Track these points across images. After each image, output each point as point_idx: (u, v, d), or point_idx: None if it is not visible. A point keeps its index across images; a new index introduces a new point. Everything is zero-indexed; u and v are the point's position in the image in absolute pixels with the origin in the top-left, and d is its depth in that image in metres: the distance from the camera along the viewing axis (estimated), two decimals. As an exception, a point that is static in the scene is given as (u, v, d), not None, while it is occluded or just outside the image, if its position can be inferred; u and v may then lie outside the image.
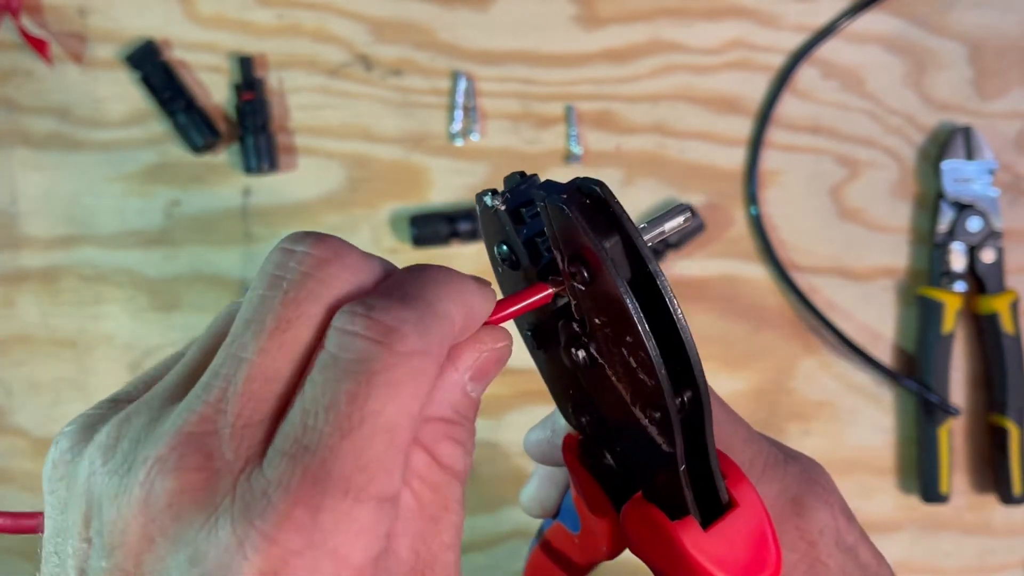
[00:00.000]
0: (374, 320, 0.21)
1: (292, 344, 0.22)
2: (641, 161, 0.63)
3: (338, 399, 0.20)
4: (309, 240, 0.23)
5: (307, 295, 0.22)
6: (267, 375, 0.22)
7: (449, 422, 0.24)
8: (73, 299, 0.63)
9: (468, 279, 0.25)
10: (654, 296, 0.24)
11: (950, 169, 0.62)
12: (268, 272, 0.23)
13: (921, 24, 0.64)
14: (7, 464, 0.63)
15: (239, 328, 0.22)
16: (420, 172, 0.63)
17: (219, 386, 0.21)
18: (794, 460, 0.32)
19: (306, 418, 0.21)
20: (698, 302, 0.63)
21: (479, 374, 0.25)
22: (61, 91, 0.63)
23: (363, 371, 0.21)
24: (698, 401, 0.25)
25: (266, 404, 0.21)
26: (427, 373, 0.22)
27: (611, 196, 0.24)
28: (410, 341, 0.21)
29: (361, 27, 0.63)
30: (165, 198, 0.63)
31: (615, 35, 0.63)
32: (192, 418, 0.21)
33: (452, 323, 0.23)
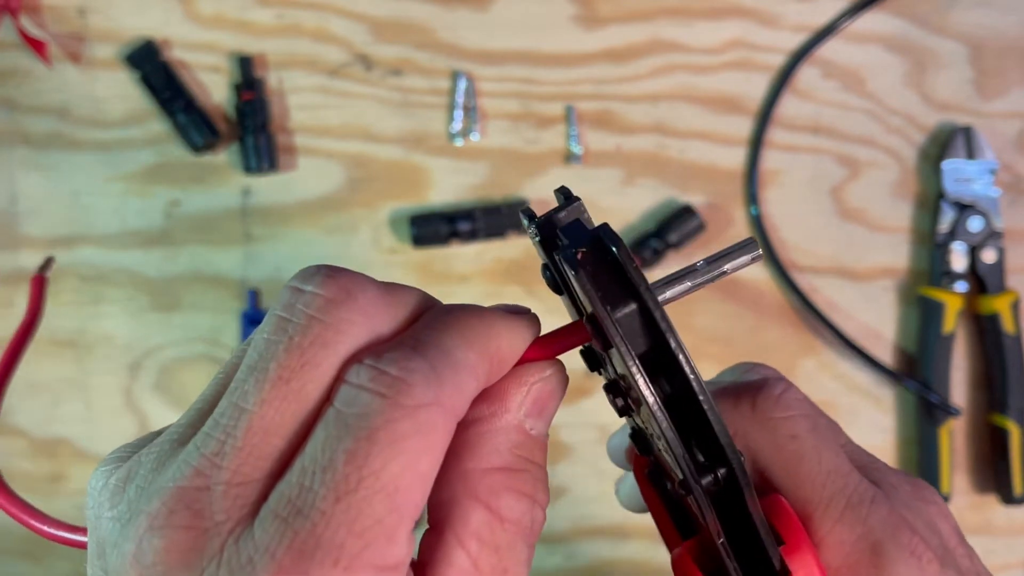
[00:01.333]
0: (380, 371, 0.20)
1: (297, 396, 0.21)
2: (641, 161, 0.63)
3: (336, 458, 0.19)
4: (319, 278, 0.22)
5: (312, 341, 0.21)
6: (268, 428, 0.20)
7: (510, 471, 0.22)
8: (73, 299, 0.63)
9: (499, 317, 0.23)
10: (676, 366, 0.22)
11: (951, 169, 0.62)
12: (275, 314, 0.21)
13: (921, 24, 0.64)
14: (7, 464, 0.63)
15: (242, 374, 0.21)
16: (420, 172, 0.63)
17: (218, 438, 0.20)
18: (886, 494, 0.28)
19: (303, 478, 0.19)
20: (698, 302, 0.63)
21: (536, 409, 0.24)
22: (61, 91, 0.63)
23: (363, 427, 0.19)
24: (734, 479, 0.23)
25: (265, 460, 0.20)
26: (438, 426, 0.20)
27: (628, 260, 0.22)
28: (417, 392, 0.20)
29: (361, 27, 0.63)
30: (165, 198, 0.63)
31: (615, 35, 0.63)
32: (187, 472, 0.20)
33: (472, 370, 0.22)
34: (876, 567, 0.26)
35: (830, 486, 0.27)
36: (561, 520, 0.63)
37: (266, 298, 0.63)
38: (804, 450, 0.27)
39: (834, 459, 0.28)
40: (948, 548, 0.28)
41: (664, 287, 0.24)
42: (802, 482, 0.27)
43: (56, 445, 0.63)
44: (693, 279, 0.25)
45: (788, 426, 0.28)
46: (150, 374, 0.63)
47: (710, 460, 0.23)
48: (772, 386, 0.29)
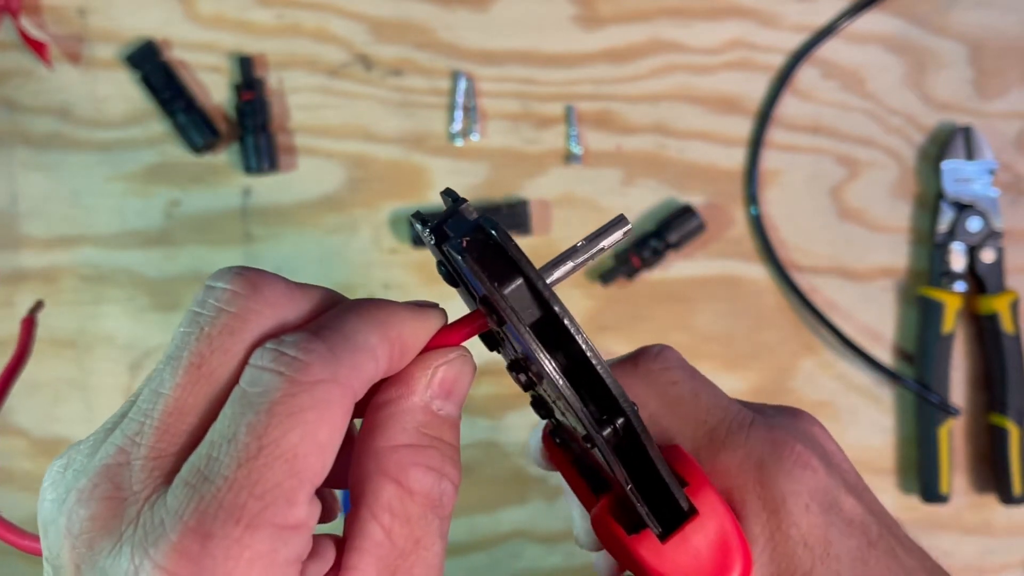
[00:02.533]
0: (280, 353, 0.22)
1: (208, 379, 0.23)
2: (641, 161, 0.63)
3: (239, 431, 0.21)
4: (229, 275, 0.24)
5: (221, 330, 0.23)
6: (182, 409, 0.22)
7: (416, 447, 0.24)
8: (73, 299, 0.63)
9: (403, 308, 0.25)
10: (564, 331, 0.24)
11: (950, 169, 0.62)
12: (190, 309, 0.24)
13: (921, 24, 0.64)
14: (7, 464, 0.63)
15: (161, 364, 0.23)
16: (420, 172, 0.63)
17: (138, 420, 0.22)
18: (766, 419, 0.30)
19: (211, 450, 0.21)
20: (698, 302, 0.63)
21: (443, 391, 0.25)
22: (61, 91, 0.63)
23: (264, 402, 0.21)
24: (631, 426, 0.25)
25: (179, 437, 0.22)
26: (334, 401, 0.22)
27: (507, 240, 0.24)
28: (314, 370, 0.22)
29: (361, 27, 0.63)
30: (165, 198, 0.63)
31: (615, 35, 0.63)
32: (111, 451, 0.22)
33: (370, 352, 0.23)
34: (760, 484, 0.28)
35: (710, 419, 0.30)
36: (560, 520, 0.63)
37: (266, 298, 0.63)
38: (682, 392, 0.30)
39: (711, 395, 0.30)
40: (833, 461, 0.30)
41: (549, 269, 0.26)
42: (686, 421, 0.30)
43: (56, 445, 0.63)
44: (574, 258, 0.26)
45: (667, 375, 0.31)
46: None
47: (607, 414, 0.25)
48: (651, 348, 0.32)
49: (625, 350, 0.61)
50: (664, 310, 0.63)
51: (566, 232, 0.63)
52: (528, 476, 0.63)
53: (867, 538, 0.27)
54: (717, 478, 0.28)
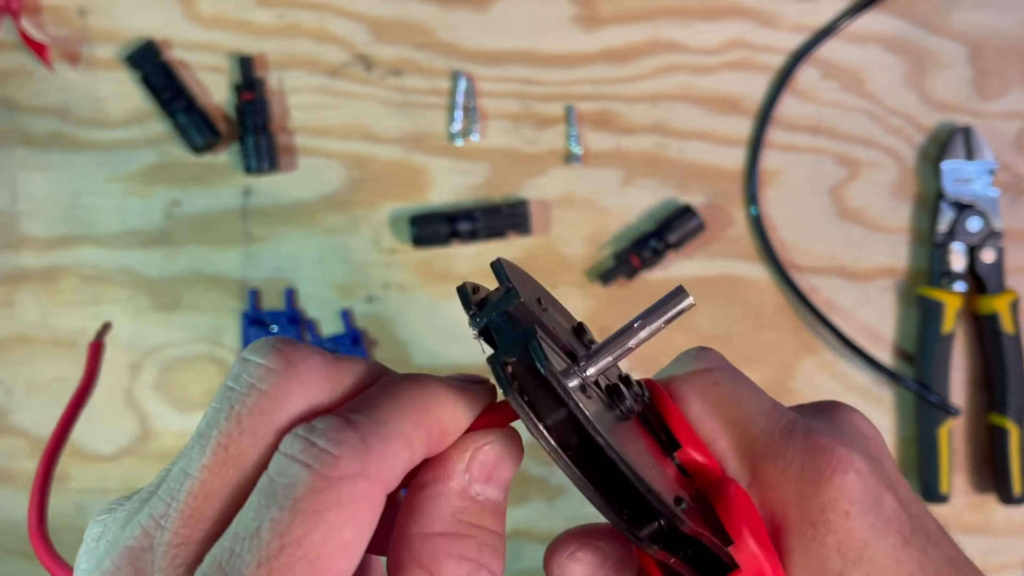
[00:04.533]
0: (310, 443, 0.21)
1: (235, 463, 0.22)
2: (641, 161, 0.63)
3: (262, 526, 0.20)
4: (265, 349, 0.23)
5: (251, 410, 0.22)
6: (208, 493, 0.22)
7: (452, 536, 0.23)
8: (73, 299, 0.63)
9: (444, 388, 0.24)
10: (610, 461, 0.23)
11: (950, 169, 0.62)
12: (224, 384, 0.23)
13: (921, 24, 0.64)
14: (7, 464, 0.63)
15: (191, 442, 0.22)
16: (420, 172, 0.63)
17: (164, 500, 0.22)
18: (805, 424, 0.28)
19: (234, 543, 0.21)
20: (698, 302, 0.63)
21: (483, 475, 0.24)
22: (61, 91, 0.63)
23: (288, 497, 0.21)
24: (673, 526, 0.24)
25: (204, 523, 0.22)
26: (361, 497, 0.21)
27: (554, 375, 0.22)
28: (343, 464, 0.21)
29: (361, 27, 0.63)
30: (165, 198, 0.63)
31: (615, 35, 0.63)
32: (136, 532, 0.22)
33: (405, 440, 0.22)
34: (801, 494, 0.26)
35: (752, 427, 0.28)
36: (561, 520, 0.63)
37: (266, 298, 0.63)
38: (724, 395, 0.28)
39: (752, 399, 0.29)
40: (874, 454, 0.28)
41: (593, 359, 0.24)
42: (728, 427, 0.28)
43: (56, 445, 0.63)
44: (622, 346, 0.25)
45: (708, 376, 0.29)
46: (151, 374, 0.63)
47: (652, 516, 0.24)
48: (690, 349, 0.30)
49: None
50: (664, 310, 0.63)
51: (566, 232, 0.63)
52: (528, 476, 0.63)
53: (902, 536, 0.26)
54: (759, 490, 0.27)
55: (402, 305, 0.63)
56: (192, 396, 0.63)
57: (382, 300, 0.63)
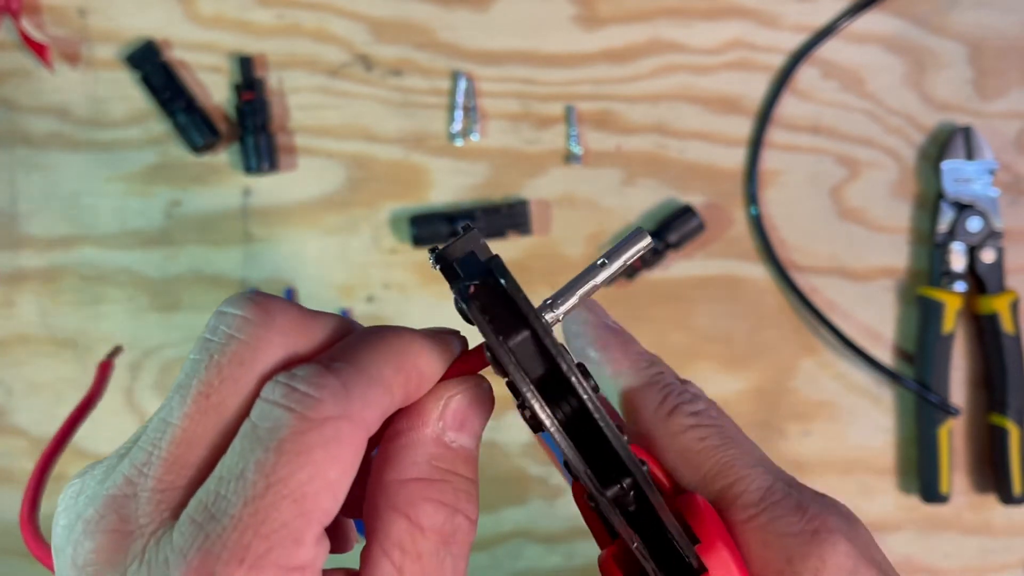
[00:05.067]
0: (291, 388, 0.22)
1: (217, 410, 0.22)
2: (641, 161, 0.63)
3: (247, 468, 0.21)
4: (241, 301, 0.23)
5: (230, 359, 0.22)
6: (190, 440, 0.22)
7: (427, 481, 0.23)
8: (73, 299, 0.63)
9: (419, 336, 0.24)
10: (571, 386, 0.23)
11: (950, 169, 0.62)
12: (202, 336, 0.23)
13: (921, 24, 0.64)
14: (7, 464, 0.63)
15: (171, 393, 0.23)
16: (420, 172, 0.63)
17: (146, 449, 0.22)
18: (801, 504, 0.26)
19: (219, 486, 0.21)
20: (698, 302, 0.63)
21: (457, 422, 0.25)
22: (61, 91, 0.63)
23: (272, 439, 0.21)
24: (638, 487, 0.24)
25: (187, 469, 0.22)
26: (345, 438, 0.21)
27: (516, 291, 0.23)
28: (325, 406, 0.21)
29: (361, 27, 0.63)
30: (165, 198, 0.63)
31: (615, 35, 0.63)
32: (119, 480, 0.22)
33: (385, 385, 0.23)
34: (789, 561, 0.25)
35: (736, 487, 0.26)
36: (560, 520, 0.63)
37: (266, 298, 0.63)
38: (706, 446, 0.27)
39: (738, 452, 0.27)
40: (864, 559, 0.26)
41: (558, 301, 0.25)
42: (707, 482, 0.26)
43: (56, 445, 0.63)
44: (583, 285, 0.25)
45: (688, 421, 0.27)
46: (150, 374, 0.63)
47: (615, 472, 0.24)
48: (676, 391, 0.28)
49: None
50: (664, 310, 0.63)
51: (566, 232, 0.63)
52: (528, 476, 0.63)
53: None
54: (740, 551, 0.25)
55: (402, 305, 0.63)
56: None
57: (382, 300, 0.63)
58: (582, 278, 0.25)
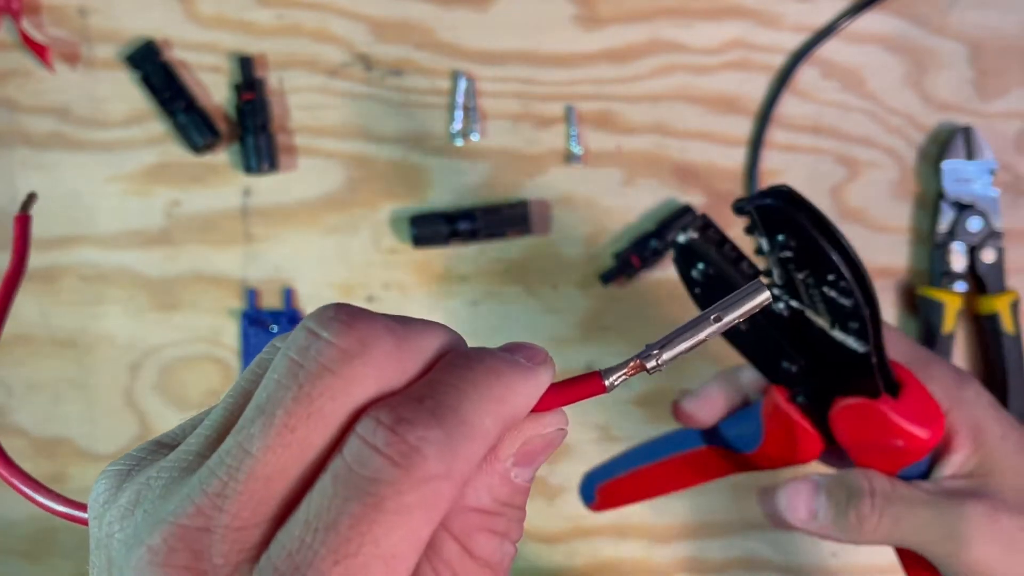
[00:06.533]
0: (398, 436, 0.20)
1: (302, 444, 0.21)
2: (641, 161, 0.63)
3: (340, 520, 0.19)
4: (336, 325, 0.21)
5: (323, 392, 0.21)
6: (271, 474, 0.20)
7: (487, 513, 0.23)
8: (73, 299, 0.63)
9: (519, 377, 0.23)
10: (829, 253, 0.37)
11: (950, 169, 0.62)
12: (288, 356, 0.21)
13: (921, 24, 0.64)
14: (7, 464, 0.63)
15: (250, 415, 0.21)
16: (420, 172, 0.63)
17: (221, 478, 0.20)
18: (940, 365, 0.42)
19: (305, 532, 0.20)
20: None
21: (525, 459, 0.24)
22: (61, 91, 0.63)
23: (372, 493, 0.20)
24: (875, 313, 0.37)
25: (266, 506, 0.20)
26: (445, 498, 0.20)
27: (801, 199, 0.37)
28: (431, 465, 0.20)
29: (361, 27, 0.63)
30: (165, 198, 0.63)
31: (615, 35, 0.63)
32: (189, 509, 0.20)
33: (486, 440, 0.22)
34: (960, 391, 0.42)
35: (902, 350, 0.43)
36: (561, 520, 0.63)
37: (266, 298, 0.63)
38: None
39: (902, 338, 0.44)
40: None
41: (662, 351, 0.25)
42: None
43: (56, 445, 0.63)
44: (688, 338, 0.25)
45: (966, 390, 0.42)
46: (150, 374, 0.63)
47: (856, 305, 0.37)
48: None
49: (626, 350, 0.61)
50: (664, 310, 0.63)
51: (566, 232, 0.63)
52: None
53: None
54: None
55: (402, 305, 0.63)
56: (192, 396, 0.63)
57: (382, 300, 0.63)
58: (689, 330, 0.25)
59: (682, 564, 0.64)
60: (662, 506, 0.63)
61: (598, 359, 0.63)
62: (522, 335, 0.63)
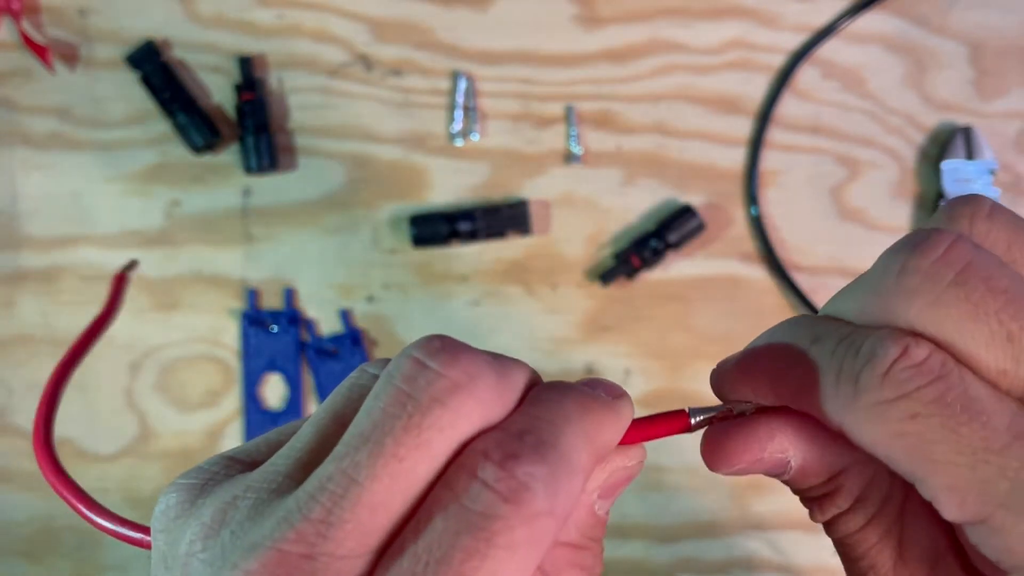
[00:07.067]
0: (506, 472, 0.20)
1: (408, 475, 0.20)
2: (641, 161, 0.63)
3: (452, 555, 0.19)
4: (443, 357, 0.21)
5: (432, 424, 0.21)
6: (376, 505, 0.20)
7: (576, 548, 0.23)
8: (73, 299, 0.63)
9: (607, 413, 0.23)
10: None
11: (950, 169, 0.62)
12: (395, 385, 0.21)
13: (921, 24, 0.64)
14: (7, 464, 0.63)
15: (355, 442, 0.21)
16: (420, 172, 0.63)
17: (324, 504, 0.20)
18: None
19: (415, 565, 0.19)
20: (698, 302, 0.63)
21: (608, 492, 0.24)
22: (61, 91, 0.63)
23: (484, 528, 0.20)
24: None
25: (371, 537, 0.20)
26: (549, 533, 0.20)
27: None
28: (538, 502, 0.20)
29: (361, 27, 0.63)
30: (165, 198, 0.63)
31: (615, 35, 0.63)
32: (290, 534, 0.20)
33: (584, 475, 0.22)
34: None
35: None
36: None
37: (266, 298, 0.63)
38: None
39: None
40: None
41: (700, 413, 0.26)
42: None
43: (57, 445, 0.63)
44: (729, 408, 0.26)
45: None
46: (150, 374, 0.63)
47: None
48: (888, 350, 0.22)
49: (626, 350, 0.61)
50: (664, 310, 0.63)
51: (566, 232, 0.63)
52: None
53: None
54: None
55: (402, 305, 0.63)
56: (192, 396, 0.63)
57: (382, 300, 0.63)
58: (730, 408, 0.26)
59: (682, 564, 0.64)
60: (662, 506, 0.63)
61: (598, 359, 0.63)
62: (522, 335, 0.63)
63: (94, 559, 0.63)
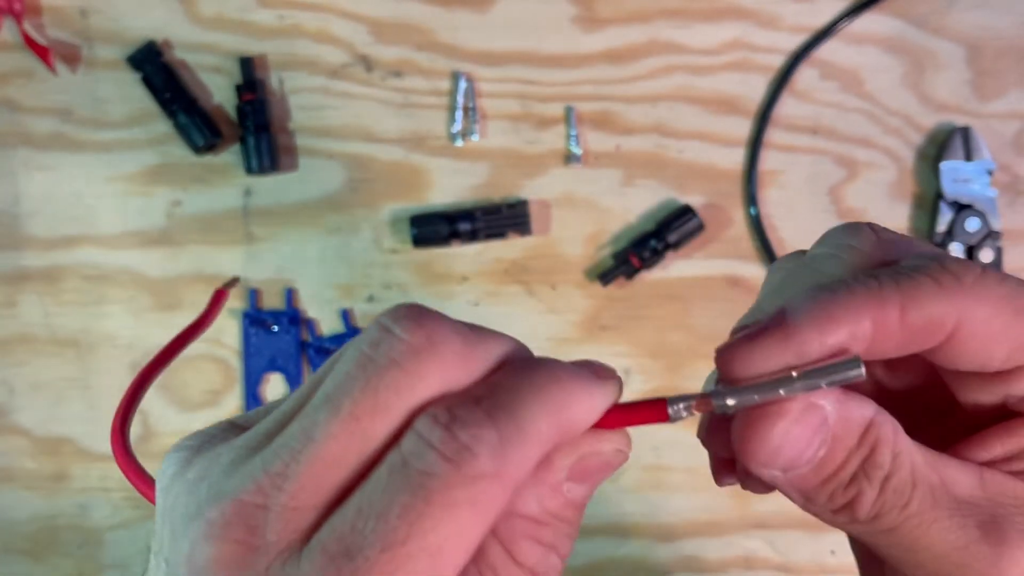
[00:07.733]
0: (451, 434, 0.21)
1: (364, 435, 0.21)
2: (641, 161, 0.64)
3: (391, 509, 0.20)
4: (408, 322, 0.22)
5: (388, 385, 0.21)
6: (330, 461, 0.21)
7: (534, 521, 0.23)
8: (75, 299, 0.63)
9: (578, 384, 0.23)
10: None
11: (949, 169, 0.63)
12: (360, 349, 0.22)
13: (920, 25, 0.64)
14: (8, 464, 0.63)
15: (317, 402, 0.22)
16: (420, 172, 0.63)
17: (283, 459, 0.21)
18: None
19: (357, 518, 0.20)
20: (697, 302, 0.63)
21: (581, 475, 0.24)
22: (63, 92, 0.63)
23: (422, 486, 0.20)
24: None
25: (323, 491, 0.21)
26: (494, 499, 0.21)
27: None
28: (480, 463, 0.20)
29: (361, 28, 0.63)
30: (166, 198, 0.63)
31: (615, 36, 0.63)
32: (250, 486, 0.21)
33: (540, 442, 0.22)
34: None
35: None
36: (561, 519, 0.63)
37: (267, 298, 0.63)
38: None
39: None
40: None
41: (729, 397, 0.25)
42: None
43: (58, 444, 0.63)
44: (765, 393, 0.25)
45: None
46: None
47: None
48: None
49: (625, 350, 0.61)
50: (663, 310, 0.63)
51: (566, 232, 0.63)
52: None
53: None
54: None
55: (402, 305, 0.63)
56: (192, 396, 0.63)
57: (382, 300, 0.63)
58: (769, 384, 0.24)
59: (682, 563, 0.64)
60: (662, 506, 0.63)
61: (597, 359, 0.63)
62: (522, 335, 0.63)
63: (95, 557, 0.63)
